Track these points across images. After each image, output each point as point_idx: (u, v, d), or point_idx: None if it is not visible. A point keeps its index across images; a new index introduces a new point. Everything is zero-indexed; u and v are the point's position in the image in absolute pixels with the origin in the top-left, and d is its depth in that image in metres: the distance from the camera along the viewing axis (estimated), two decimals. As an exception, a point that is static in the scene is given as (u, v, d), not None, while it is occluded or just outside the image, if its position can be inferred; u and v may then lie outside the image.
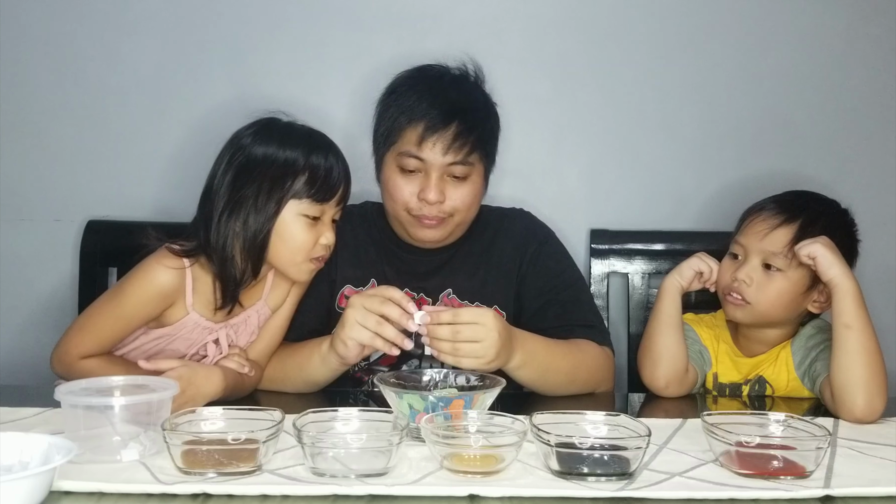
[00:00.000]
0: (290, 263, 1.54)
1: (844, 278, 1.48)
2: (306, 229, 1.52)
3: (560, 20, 2.17)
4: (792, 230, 1.56)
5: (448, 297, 1.71)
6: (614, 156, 2.20)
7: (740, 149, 2.19)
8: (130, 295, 1.51)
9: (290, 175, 1.50)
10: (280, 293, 1.64)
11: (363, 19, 2.16)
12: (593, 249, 2.15)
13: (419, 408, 1.21)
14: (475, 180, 1.66)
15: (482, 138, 1.64)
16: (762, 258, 1.57)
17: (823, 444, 1.11)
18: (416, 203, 1.63)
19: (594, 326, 1.68)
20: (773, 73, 2.18)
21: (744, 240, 1.61)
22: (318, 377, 1.54)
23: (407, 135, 1.61)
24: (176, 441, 1.08)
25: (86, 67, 2.12)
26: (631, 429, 1.14)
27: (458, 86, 1.68)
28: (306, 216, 1.52)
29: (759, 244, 1.58)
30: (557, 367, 1.53)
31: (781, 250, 1.55)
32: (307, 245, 1.52)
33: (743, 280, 1.57)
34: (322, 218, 1.54)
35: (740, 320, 1.63)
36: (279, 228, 1.51)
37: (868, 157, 2.19)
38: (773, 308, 1.58)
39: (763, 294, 1.57)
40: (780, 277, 1.56)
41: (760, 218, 1.61)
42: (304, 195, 1.51)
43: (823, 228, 1.56)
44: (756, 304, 1.57)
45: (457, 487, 1.04)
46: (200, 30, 2.16)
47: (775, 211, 1.60)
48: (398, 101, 1.65)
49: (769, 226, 1.58)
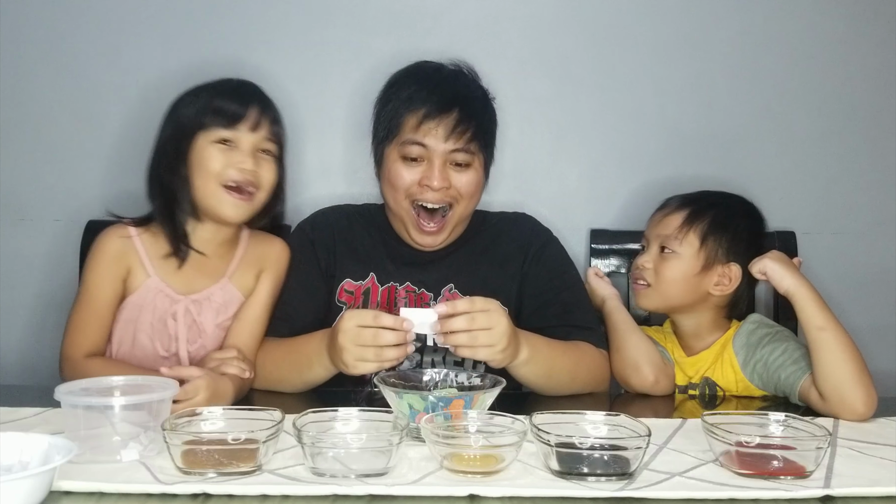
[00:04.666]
0: (209, 194, 1.56)
1: (800, 286, 1.52)
2: (217, 154, 1.55)
3: (560, 20, 2.17)
4: (683, 214, 1.68)
5: (450, 292, 1.71)
6: (614, 156, 2.20)
7: (740, 149, 2.19)
8: (89, 273, 1.61)
9: (192, 107, 1.58)
10: (247, 275, 1.66)
11: (363, 19, 2.16)
12: (593, 249, 2.15)
13: (419, 408, 1.21)
14: (477, 169, 1.68)
15: (481, 127, 1.66)
16: (658, 243, 1.68)
17: (823, 444, 1.11)
18: (417, 189, 1.64)
19: (593, 329, 1.68)
20: (772, 73, 2.18)
21: (647, 231, 1.74)
22: (319, 380, 1.54)
23: (408, 123, 1.63)
24: (176, 441, 1.08)
25: (86, 67, 2.12)
26: (631, 429, 1.14)
27: (456, 78, 1.71)
28: (218, 142, 1.56)
29: (655, 230, 1.70)
30: (561, 364, 1.54)
31: (673, 232, 1.66)
32: (217, 168, 1.55)
33: (642, 265, 1.70)
34: (238, 145, 1.56)
35: (647, 306, 1.72)
36: (194, 162, 1.56)
37: (868, 157, 2.19)
38: (671, 288, 1.66)
39: (660, 276, 1.67)
40: (673, 258, 1.66)
41: (660, 209, 1.74)
42: (211, 124, 1.56)
43: (713, 217, 1.66)
44: (656, 286, 1.67)
45: (457, 487, 1.04)
46: (200, 30, 2.16)
47: (674, 202, 1.73)
48: (398, 93, 1.67)
49: (664, 213, 1.71)
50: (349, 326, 1.36)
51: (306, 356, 1.51)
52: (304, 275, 1.71)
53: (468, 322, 1.34)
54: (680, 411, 1.57)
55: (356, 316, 1.37)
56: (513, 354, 1.41)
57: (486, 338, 1.35)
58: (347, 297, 1.71)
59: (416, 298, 1.71)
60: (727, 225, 1.66)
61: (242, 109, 1.57)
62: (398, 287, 1.72)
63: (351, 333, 1.36)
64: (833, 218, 2.19)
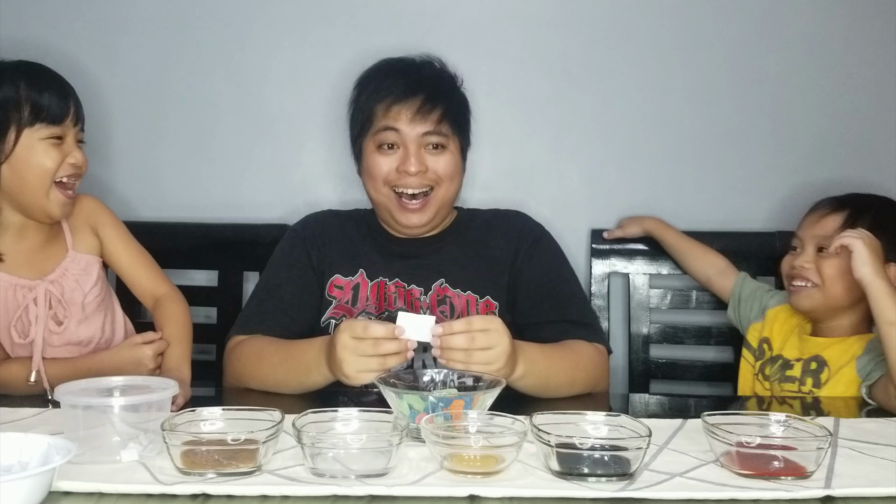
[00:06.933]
0: (41, 193, 1.55)
1: (875, 277, 1.52)
2: (50, 151, 1.54)
3: (560, 20, 2.17)
4: (842, 216, 1.68)
5: (440, 287, 1.71)
6: (614, 156, 2.20)
7: (740, 149, 2.19)
8: None
9: (13, 109, 1.52)
10: (86, 236, 1.68)
11: (363, 19, 2.16)
12: (594, 249, 2.15)
13: (419, 408, 1.20)
14: (453, 152, 1.71)
15: (450, 109, 1.70)
16: (816, 243, 1.69)
17: (824, 445, 1.10)
18: (396, 176, 1.67)
19: (589, 325, 1.68)
20: (772, 73, 2.18)
21: (800, 232, 1.75)
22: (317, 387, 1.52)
23: (379, 112, 1.68)
24: (175, 441, 1.08)
25: (86, 67, 2.12)
26: (631, 429, 1.14)
27: (422, 66, 1.76)
28: (49, 139, 1.54)
29: (812, 231, 1.71)
30: (558, 371, 1.53)
31: (833, 233, 1.64)
32: (55, 165, 1.54)
33: (802, 265, 1.69)
34: (65, 139, 1.56)
35: (808, 306, 1.71)
36: (20, 161, 1.53)
37: (868, 157, 2.19)
38: (834, 286, 1.66)
39: (824, 274, 1.67)
40: (834, 258, 1.65)
41: (814, 211, 1.75)
42: (36, 120, 1.53)
43: (873, 218, 1.66)
44: (821, 285, 1.67)
45: (457, 488, 1.04)
46: (200, 30, 2.16)
47: (828, 203, 1.73)
48: (366, 88, 1.73)
49: (820, 215, 1.72)
50: (346, 339, 1.35)
51: (304, 364, 1.50)
52: (298, 271, 1.73)
53: (468, 342, 1.33)
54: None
55: (349, 328, 1.35)
56: (509, 372, 1.40)
57: (483, 357, 1.34)
58: (337, 292, 1.72)
59: (406, 294, 1.70)
60: (886, 226, 1.65)
61: (65, 102, 1.56)
62: (387, 283, 1.72)
63: (350, 346, 1.35)
64: (833, 218, 2.18)
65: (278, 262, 1.77)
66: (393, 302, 1.70)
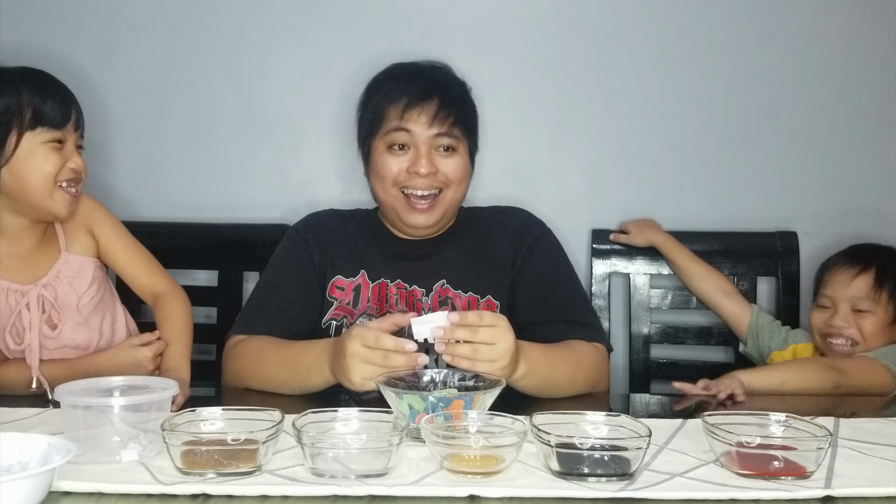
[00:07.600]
0: (45, 194, 1.55)
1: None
2: (51, 154, 1.54)
3: (560, 20, 2.17)
4: (871, 276, 1.84)
5: (442, 288, 1.71)
6: (614, 156, 2.20)
7: (740, 149, 2.19)
8: None
9: (14, 114, 1.52)
10: (80, 237, 1.67)
11: (363, 19, 2.16)
12: (595, 249, 2.15)
13: (419, 408, 1.20)
14: (462, 155, 1.71)
15: (462, 113, 1.71)
16: (850, 304, 1.83)
17: (824, 445, 1.10)
18: (405, 177, 1.67)
19: (589, 324, 1.68)
20: (773, 73, 2.18)
21: (830, 292, 1.87)
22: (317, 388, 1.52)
23: (391, 113, 1.68)
24: (175, 441, 1.08)
25: (86, 68, 2.12)
26: (631, 429, 1.14)
27: (433, 70, 1.76)
28: (50, 143, 1.54)
29: (846, 292, 1.84)
30: (558, 372, 1.53)
31: (867, 294, 1.82)
32: (56, 169, 1.54)
33: (841, 325, 1.83)
34: (66, 143, 1.56)
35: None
36: (21, 164, 1.53)
37: (869, 158, 2.19)
38: (875, 341, 1.82)
39: (865, 332, 1.82)
40: (870, 316, 1.83)
41: (840, 270, 1.88)
42: (38, 125, 1.53)
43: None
44: (862, 342, 1.82)
45: (457, 488, 1.04)
46: (200, 30, 2.16)
47: (851, 263, 1.87)
48: (378, 91, 1.73)
49: (850, 276, 1.85)
50: (356, 347, 1.34)
51: (305, 366, 1.50)
52: (299, 271, 1.73)
53: (471, 334, 1.33)
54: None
55: (360, 336, 1.35)
56: (511, 372, 1.40)
57: (488, 352, 1.33)
58: (339, 293, 1.72)
59: (408, 295, 1.70)
60: None
61: (66, 107, 1.56)
62: (389, 284, 1.72)
63: (360, 354, 1.34)
64: (833, 218, 2.19)
65: (280, 262, 1.76)
66: (394, 303, 1.70)
